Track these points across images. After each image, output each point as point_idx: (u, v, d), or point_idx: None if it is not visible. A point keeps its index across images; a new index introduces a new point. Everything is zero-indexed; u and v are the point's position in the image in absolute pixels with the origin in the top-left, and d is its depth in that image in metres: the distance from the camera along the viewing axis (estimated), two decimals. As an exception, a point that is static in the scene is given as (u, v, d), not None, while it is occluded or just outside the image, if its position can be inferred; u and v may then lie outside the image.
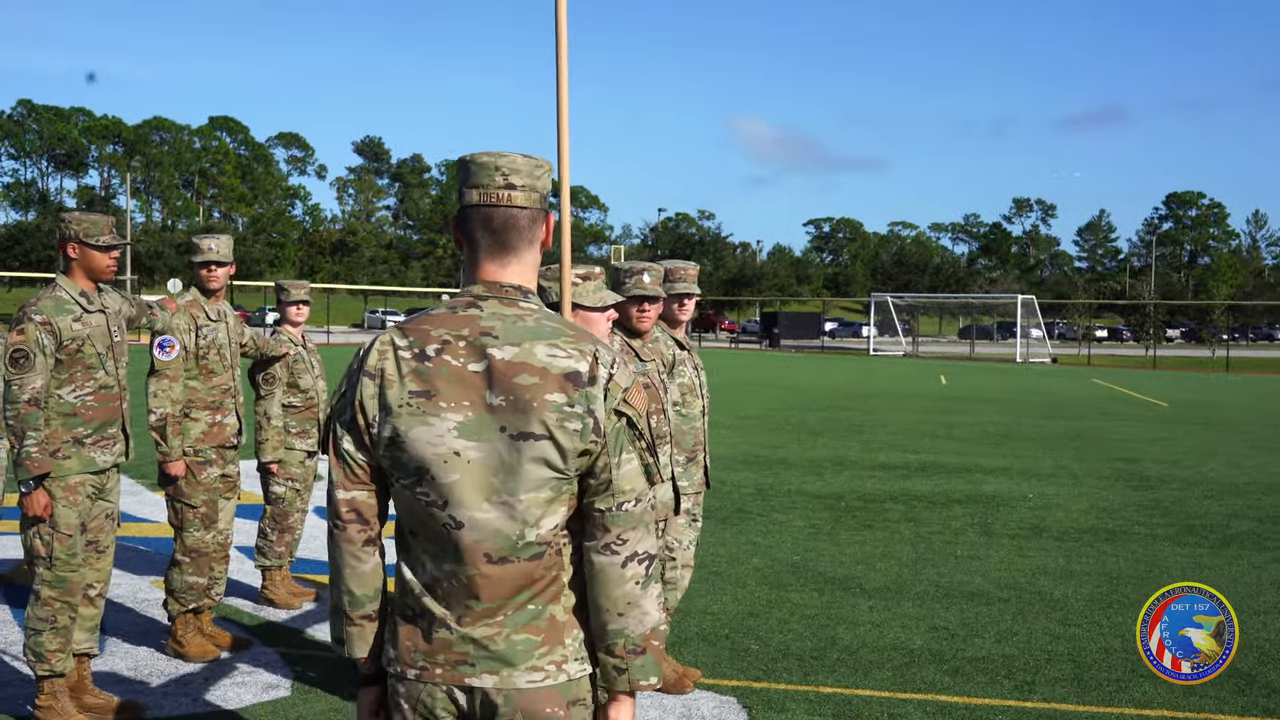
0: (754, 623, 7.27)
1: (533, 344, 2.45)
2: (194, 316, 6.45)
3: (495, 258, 2.55)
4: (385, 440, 2.45)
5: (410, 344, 2.47)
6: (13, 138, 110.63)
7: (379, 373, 2.47)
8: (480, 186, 2.55)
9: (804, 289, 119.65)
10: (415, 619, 2.51)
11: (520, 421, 2.42)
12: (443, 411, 2.43)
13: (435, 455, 2.43)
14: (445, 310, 2.51)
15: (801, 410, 23.25)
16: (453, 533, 2.45)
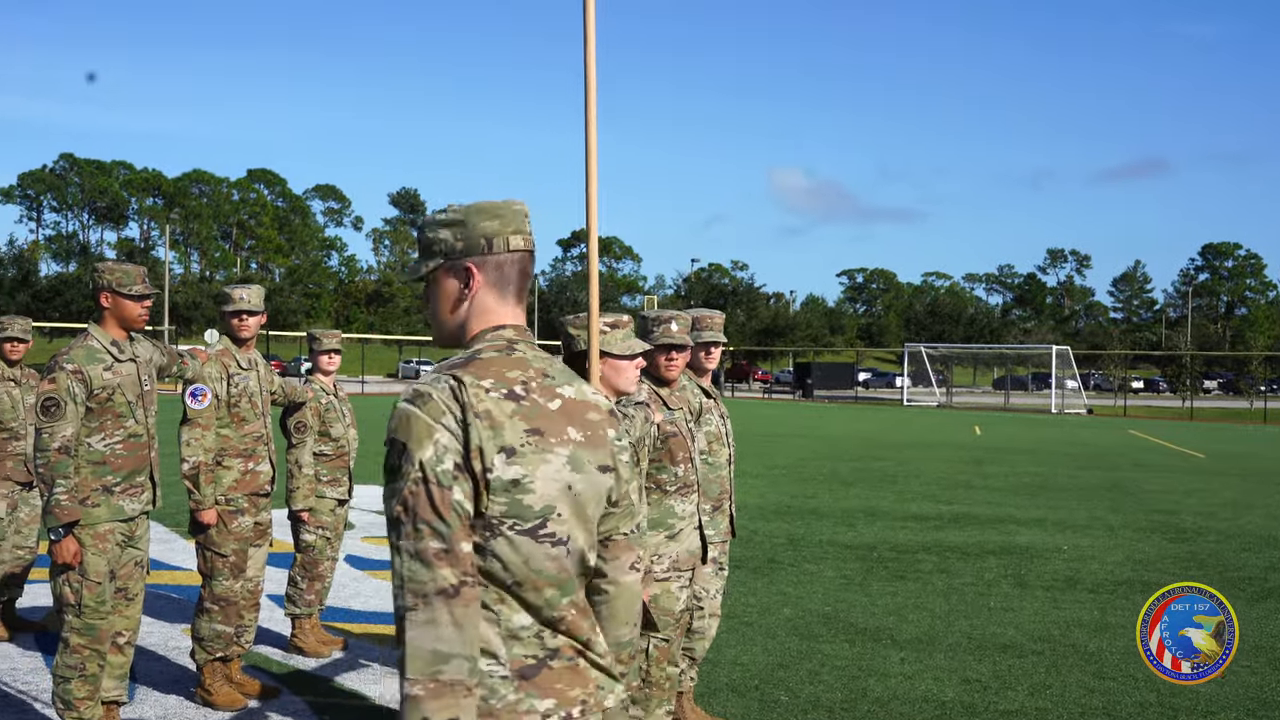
0: (784, 674, 7.21)
1: (578, 384, 2.54)
2: (225, 365, 6.49)
3: (519, 302, 2.59)
4: (504, 484, 2.36)
5: (493, 385, 2.42)
6: (55, 191, 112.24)
7: (487, 415, 2.38)
8: (522, 233, 2.57)
9: (837, 339, 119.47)
10: (550, 661, 2.43)
11: (599, 456, 2.50)
12: (554, 448, 2.43)
13: (559, 492, 2.42)
14: (495, 354, 2.48)
15: (834, 460, 23.15)
16: (573, 564, 2.46)
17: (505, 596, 2.39)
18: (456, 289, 2.57)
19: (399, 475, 2.32)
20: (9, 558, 7.91)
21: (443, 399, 2.36)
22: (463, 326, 2.58)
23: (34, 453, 5.30)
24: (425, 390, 2.38)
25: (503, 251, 2.55)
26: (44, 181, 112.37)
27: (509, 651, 2.38)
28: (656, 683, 4.97)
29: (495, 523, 2.35)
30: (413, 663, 2.25)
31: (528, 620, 2.41)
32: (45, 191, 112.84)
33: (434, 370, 2.46)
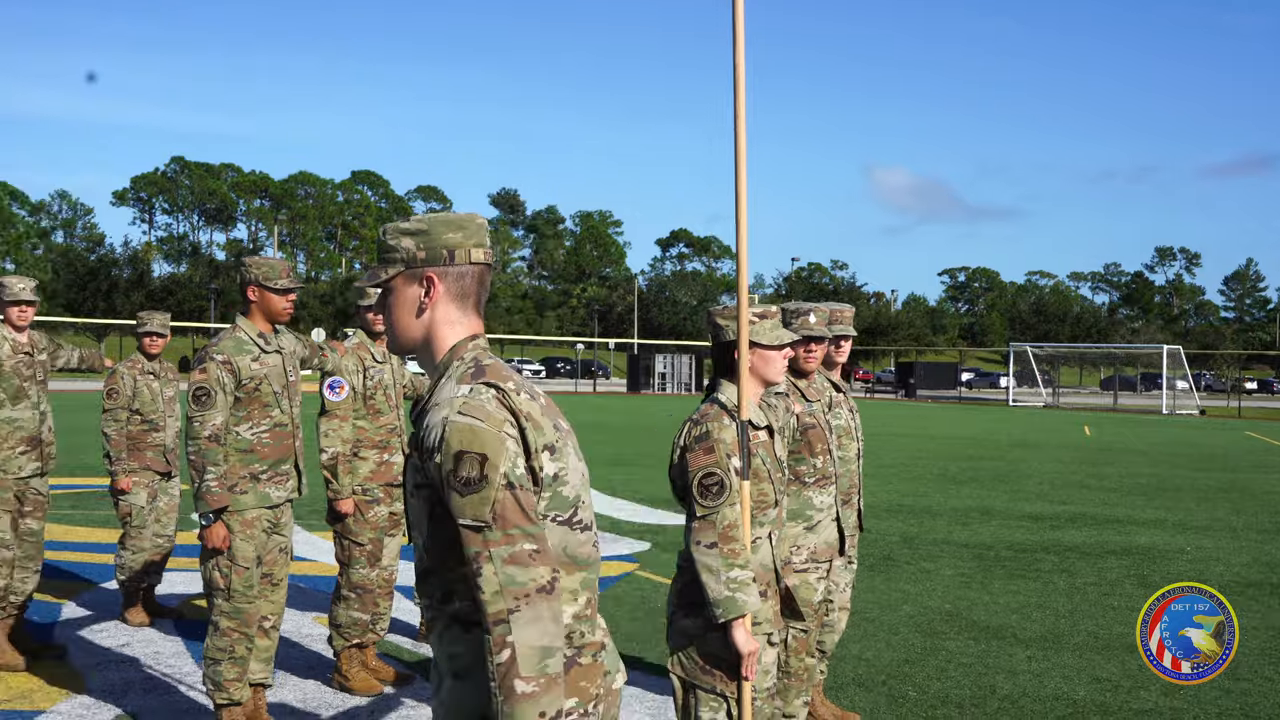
0: (910, 669, 7.18)
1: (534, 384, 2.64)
2: (361, 359, 6.64)
3: (479, 314, 2.67)
4: (549, 479, 2.48)
5: (517, 387, 2.52)
6: (167, 193, 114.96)
7: (530, 417, 2.49)
8: (483, 245, 2.67)
9: (939, 339, 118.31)
10: (578, 659, 2.53)
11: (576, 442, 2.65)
12: (568, 441, 2.57)
13: (581, 481, 2.56)
14: (490, 360, 2.57)
15: (943, 460, 22.93)
16: (594, 550, 2.58)
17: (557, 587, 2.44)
18: (416, 297, 2.62)
19: (483, 484, 2.37)
20: (149, 545, 8.15)
21: (494, 406, 2.44)
22: (427, 335, 2.64)
23: (185, 440, 5.47)
24: (474, 403, 2.44)
25: (464, 263, 2.62)
26: (156, 184, 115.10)
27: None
28: (795, 673, 4.99)
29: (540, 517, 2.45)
30: (525, 663, 2.30)
31: (568, 619, 2.51)
32: (157, 194, 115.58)
33: (453, 382, 2.51)
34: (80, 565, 9.89)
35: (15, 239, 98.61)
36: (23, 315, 7.11)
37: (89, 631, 7.79)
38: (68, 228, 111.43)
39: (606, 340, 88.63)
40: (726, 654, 3.78)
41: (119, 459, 8.07)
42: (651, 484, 17.46)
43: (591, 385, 74.34)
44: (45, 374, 7.27)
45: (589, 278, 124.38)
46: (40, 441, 7.12)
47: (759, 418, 4.00)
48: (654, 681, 6.89)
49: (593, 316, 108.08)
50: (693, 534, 3.76)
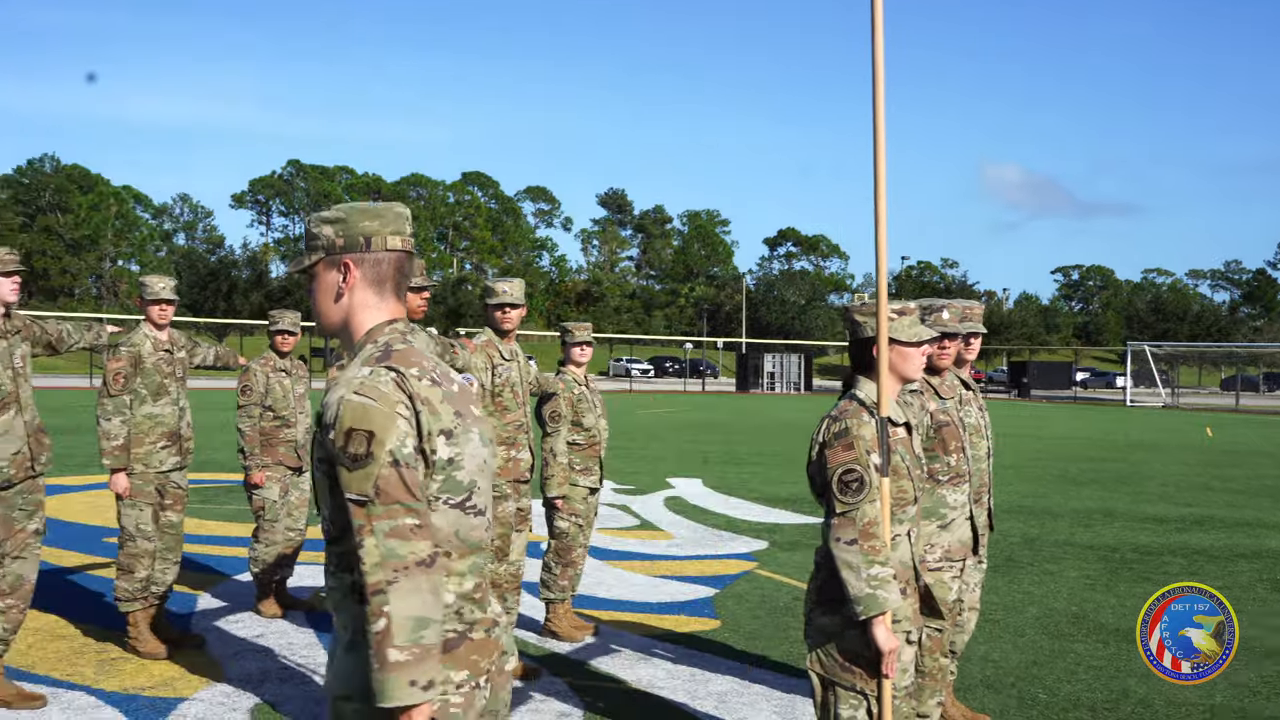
0: (1039, 671, 7.09)
1: (452, 370, 2.80)
2: (490, 356, 6.74)
3: (399, 299, 2.81)
4: (443, 463, 2.61)
5: (420, 373, 2.63)
6: (283, 196, 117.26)
7: (427, 402, 2.60)
8: (400, 233, 2.80)
9: (1053, 338, 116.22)
10: (470, 634, 2.65)
11: (489, 431, 2.79)
12: (471, 427, 2.69)
13: (479, 467, 2.69)
14: (402, 345, 2.69)
15: (1061, 460, 22.56)
16: (486, 535, 2.72)
17: (448, 566, 2.61)
18: (335, 282, 2.78)
19: (369, 461, 2.49)
20: (281, 539, 8.35)
21: (389, 388, 2.56)
22: (346, 319, 2.79)
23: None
24: (371, 383, 2.57)
25: (380, 250, 2.76)
26: (272, 187, 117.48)
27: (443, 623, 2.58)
28: (930, 673, 4.97)
29: (431, 498, 2.60)
30: (399, 633, 2.42)
31: (452, 597, 2.62)
32: (274, 196, 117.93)
33: (358, 364, 2.66)
34: (213, 558, 10.16)
35: (140, 241, 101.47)
36: (163, 314, 7.33)
37: (225, 622, 8.00)
38: (189, 230, 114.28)
39: (714, 339, 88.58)
40: (866, 651, 3.78)
41: (253, 454, 8.27)
42: (766, 483, 17.43)
43: (700, 384, 74.31)
44: (184, 371, 7.48)
45: (697, 277, 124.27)
46: (179, 436, 7.34)
47: (897, 414, 3.99)
48: (779, 680, 6.90)
49: (701, 316, 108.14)
50: (832, 530, 3.77)
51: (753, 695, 6.58)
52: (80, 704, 6.18)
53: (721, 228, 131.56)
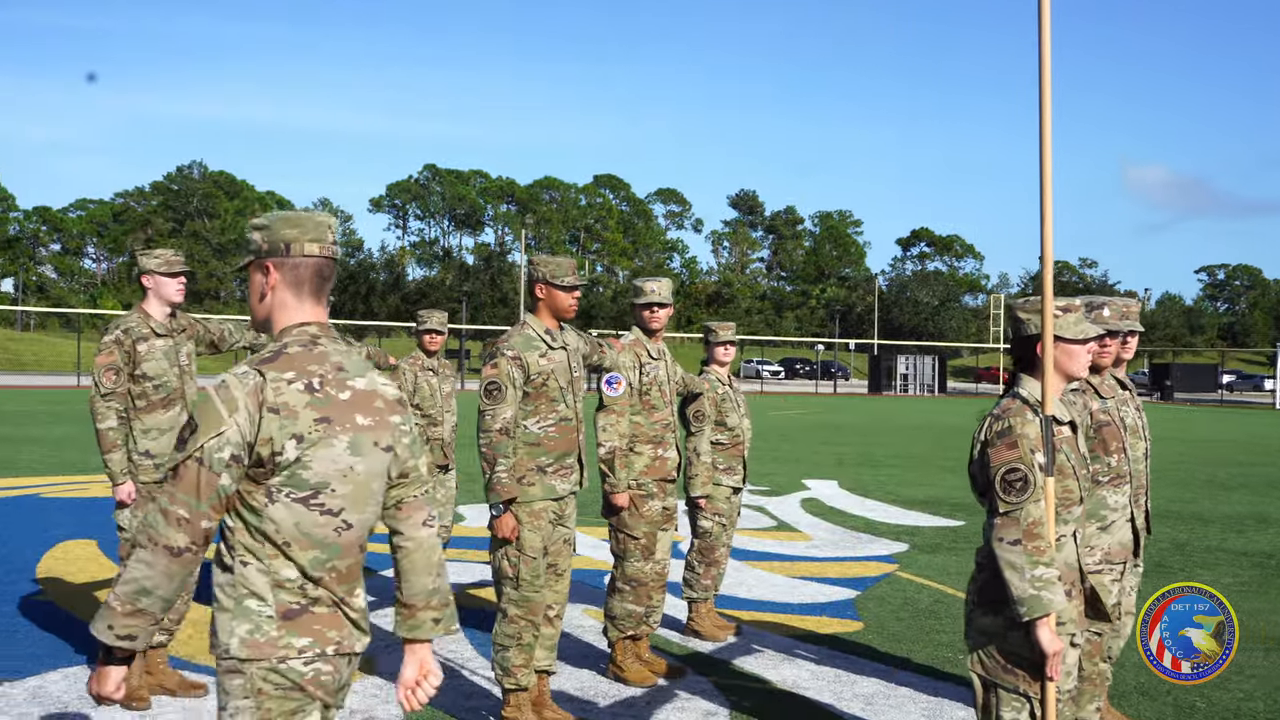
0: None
1: (370, 375, 3.04)
2: (638, 355, 6.78)
3: (320, 302, 3.04)
4: (289, 461, 2.85)
5: (295, 377, 2.88)
6: (419, 200, 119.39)
7: (285, 407, 2.84)
8: (320, 241, 3.03)
9: (1197, 339, 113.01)
10: (312, 607, 2.92)
11: (383, 438, 3.00)
12: (338, 434, 2.90)
13: (337, 472, 2.90)
14: (300, 348, 2.94)
15: (1209, 465, 21.91)
16: (342, 534, 2.94)
17: (277, 553, 2.88)
18: (260, 283, 3.04)
19: (183, 445, 2.82)
20: (427, 536, 8.48)
21: (242, 394, 2.83)
22: (268, 317, 3.05)
23: (477, 433, 5.67)
24: (231, 383, 2.85)
25: (299, 255, 3.00)
26: (409, 191, 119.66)
27: (275, 597, 2.88)
28: (1089, 678, 4.87)
29: (274, 490, 2.86)
30: (123, 586, 2.79)
31: (294, 574, 2.89)
32: (410, 200, 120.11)
33: (245, 363, 2.92)
34: (360, 553, 10.36)
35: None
36: (318, 314, 7.50)
37: (374, 616, 8.15)
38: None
39: (846, 341, 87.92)
40: (1029, 653, 3.71)
41: (400, 452, 8.41)
42: (903, 485, 17.24)
43: (831, 386, 73.79)
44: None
45: (828, 278, 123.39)
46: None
47: (1062, 413, 3.92)
48: (925, 682, 6.82)
49: (832, 317, 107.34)
50: (995, 530, 3.71)
51: (899, 698, 6.51)
52: (240, 693, 6.35)
53: (854, 228, 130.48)
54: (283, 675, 2.86)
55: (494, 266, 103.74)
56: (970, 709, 6.29)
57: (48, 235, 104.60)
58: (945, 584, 9.70)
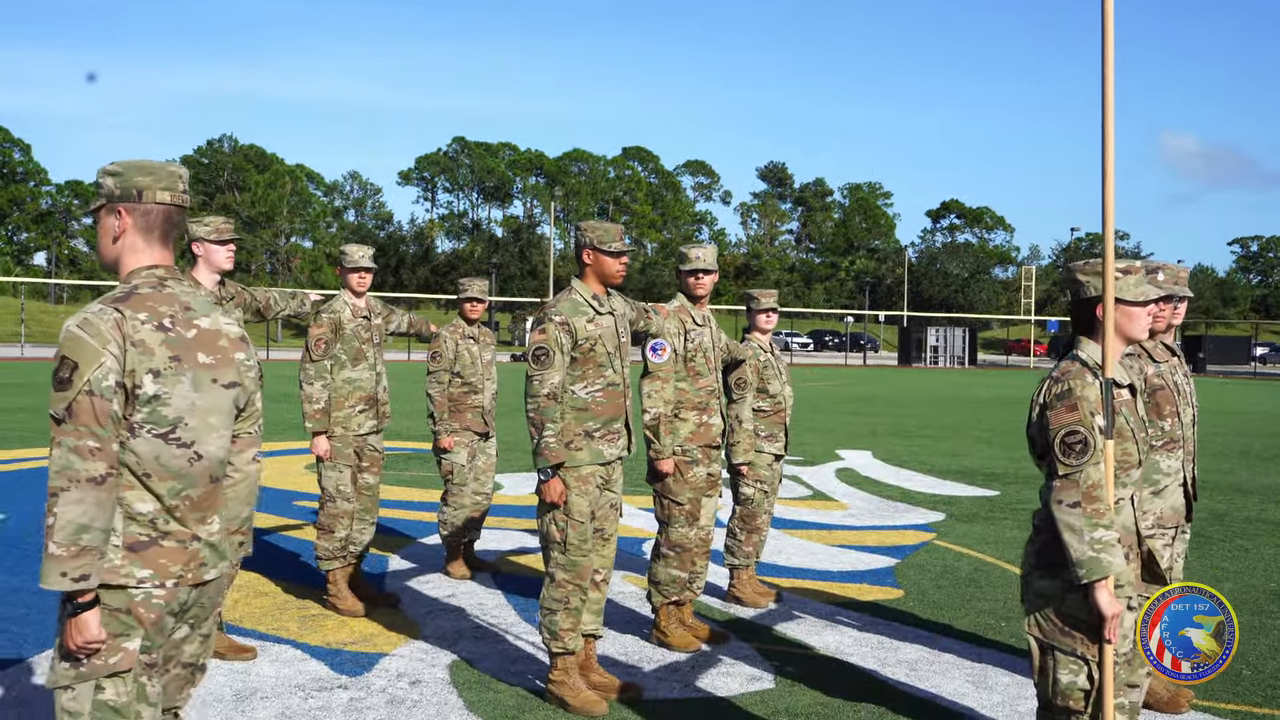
0: (1241, 648, 6.86)
1: (215, 315, 3.24)
2: (683, 321, 6.77)
3: (165, 246, 3.25)
4: (148, 397, 3.07)
5: (148, 317, 3.10)
6: (448, 172, 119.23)
7: (141, 344, 3.07)
8: (171, 189, 3.23)
9: (1230, 311, 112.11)
10: (161, 541, 3.13)
11: (225, 375, 3.22)
12: (186, 370, 3.13)
13: (188, 406, 3.13)
14: (149, 289, 3.16)
15: (1244, 436, 21.78)
16: (194, 464, 3.16)
17: (135, 484, 3.10)
18: (112, 227, 3.23)
19: (68, 385, 2.98)
20: (469, 503, 8.53)
21: (107, 328, 3.02)
22: (117, 259, 3.24)
23: (525, 399, 5.69)
24: (93, 320, 3.03)
25: (150, 202, 3.21)
26: (438, 164, 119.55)
27: (125, 529, 3.09)
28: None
29: (136, 426, 3.07)
30: (59, 532, 2.93)
31: (148, 508, 3.11)
32: (439, 173, 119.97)
33: (99, 302, 3.10)
34: (400, 522, 10.44)
35: (313, 218, 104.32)
36: (361, 281, 7.54)
37: (416, 583, 8.22)
38: (358, 207, 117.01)
39: (876, 313, 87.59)
40: (1087, 616, 3.71)
41: (441, 419, 8.46)
42: (937, 455, 17.21)
43: (861, 358, 73.61)
44: (381, 338, 7.69)
45: (857, 250, 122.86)
46: (376, 401, 7.55)
47: (1122, 376, 3.90)
48: (968, 649, 6.82)
49: (861, 289, 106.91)
50: (1054, 493, 3.70)
51: (944, 664, 6.52)
52: (287, 656, 6.42)
53: (883, 200, 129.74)
54: (115, 597, 3.09)
55: (523, 239, 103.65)
56: (1015, 675, 6.30)
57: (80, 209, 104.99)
58: (984, 553, 9.69)
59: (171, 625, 3.21)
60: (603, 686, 5.82)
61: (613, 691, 5.79)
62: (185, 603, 3.22)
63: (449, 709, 5.61)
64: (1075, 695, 3.77)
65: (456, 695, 5.81)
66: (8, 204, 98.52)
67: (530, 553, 9.23)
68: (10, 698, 5.61)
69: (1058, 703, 3.81)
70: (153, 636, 3.15)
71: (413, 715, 5.51)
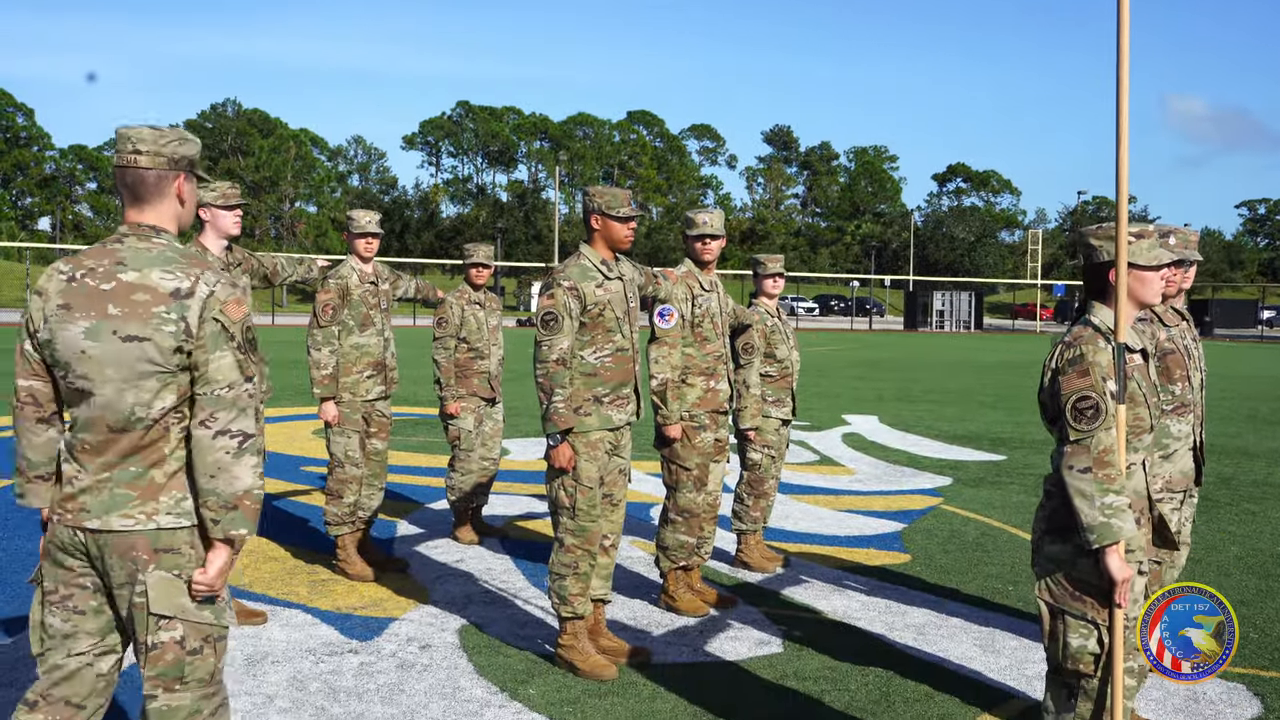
0: (1248, 611, 6.89)
1: (150, 270, 3.24)
2: (690, 287, 6.76)
3: (131, 206, 3.35)
4: (44, 341, 3.27)
5: (67, 269, 3.29)
6: (452, 137, 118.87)
7: (43, 292, 3.30)
8: (121, 153, 3.34)
9: (1237, 275, 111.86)
10: (59, 478, 3.34)
11: (130, 328, 3.21)
12: (77, 320, 3.23)
13: (75, 354, 3.23)
14: (100, 245, 3.33)
15: (1251, 400, 21.76)
16: (83, 410, 3.26)
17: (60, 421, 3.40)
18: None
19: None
20: (476, 468, 8.54)
21: (40, 283, 3.32)
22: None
23: (534, 364, 5.68)
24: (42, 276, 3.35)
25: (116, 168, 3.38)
26: (442, 128, 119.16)
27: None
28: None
29: (51, 367, 3.31)
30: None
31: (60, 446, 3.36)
32: (443, 137, 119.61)
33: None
34: (408, 487, 10.46)
35: (318, 183, 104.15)
36: (369, 247, 7.52)
37: (425, 548, 8.25)
38: (363, 171, 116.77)
39: (881, 277, 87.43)
40: (1097, 580, 3.71)
41: (448, 385, 8.45)
42: (943, 420, 17.21)
43: (867, 323, 73.54)
44: (388, 303, 7.68)
45: (863, 214, 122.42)
46: (384, 366, 7.55)
47: (1134, 341, 3.89)
48: (975, 613, 6.84)
49: (867, 253, 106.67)
50: (1065, 458, 3.69)
51: (951, 628, 6.54)
52: (298, 621, 6.45)
53: (889, 164, 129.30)
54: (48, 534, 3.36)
55: (528, 203, 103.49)
56: (1022, 638, 6.32)
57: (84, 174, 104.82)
58: (991, 517, 9.70)
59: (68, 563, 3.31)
60: (612, 651, 5.84)
61: (622, 655, 5.82)
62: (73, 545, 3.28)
63: (459, 673, 5.64)
64: (1085, 659, 3.78)
65: (466, 659, 5.84)
66: (11, 169, 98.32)
67: (538, 518, 9.25)
68: (27, 661, 5.64)
69: (1068, 666, 3.81)
70: (46, 565, 3.34)
71: (423, 679, 5.53)
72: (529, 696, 5.35)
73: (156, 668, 3.26)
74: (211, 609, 3.31)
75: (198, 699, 3.31)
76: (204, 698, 3.32)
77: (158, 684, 3.27)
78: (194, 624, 3.28)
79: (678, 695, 5.39)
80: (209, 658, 3.31)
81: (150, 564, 3.22)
